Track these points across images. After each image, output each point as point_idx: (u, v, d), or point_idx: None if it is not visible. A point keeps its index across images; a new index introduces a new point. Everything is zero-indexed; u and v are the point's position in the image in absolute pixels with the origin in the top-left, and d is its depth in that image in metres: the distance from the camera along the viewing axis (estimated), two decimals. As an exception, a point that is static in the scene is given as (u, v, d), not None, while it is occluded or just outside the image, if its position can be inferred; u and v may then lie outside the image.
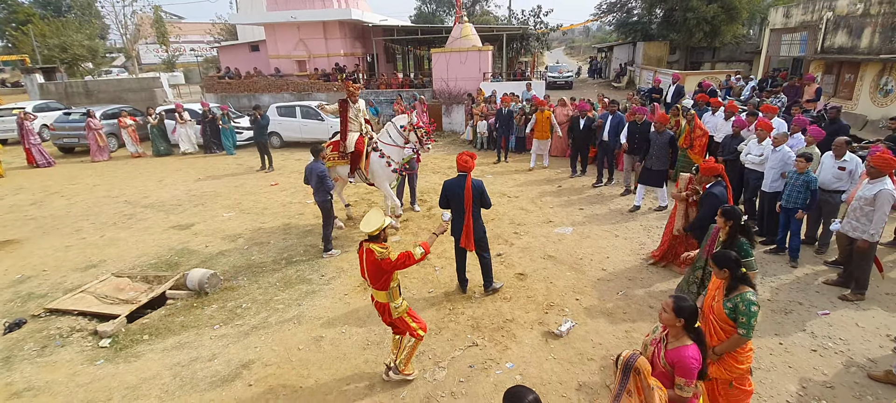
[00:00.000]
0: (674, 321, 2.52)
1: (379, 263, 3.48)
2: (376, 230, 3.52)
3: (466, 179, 4.77)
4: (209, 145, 13.34)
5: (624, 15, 28.01)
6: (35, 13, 33.31)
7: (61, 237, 7.46)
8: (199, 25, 41.32)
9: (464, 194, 4.77)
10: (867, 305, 4.81)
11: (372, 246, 3.53)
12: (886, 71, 11.26)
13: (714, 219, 4.22)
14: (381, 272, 3.53)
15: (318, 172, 6.08)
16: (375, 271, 3.55)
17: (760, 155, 6.34)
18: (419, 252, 3.56)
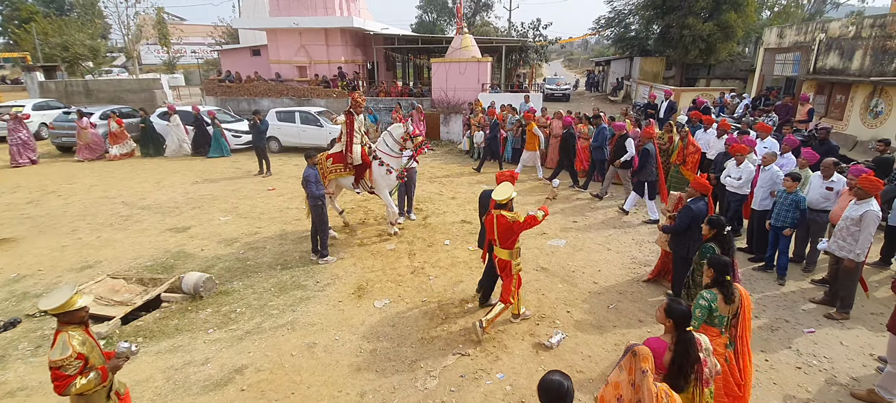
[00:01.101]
0: (664, 319, 2.74)
1: (510, 225, 4.31)
2: (505, 199, 4.34)
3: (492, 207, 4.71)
4: (199, 148, 13.35)
5: (622, 30, 28.37)
6: (38, 11, 33.37)
7: (57, 237, 7.48)
8: (200, 28, 41.48)
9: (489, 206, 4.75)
10: (852, 324, 4.90)
11: (503, 212, 4.32)
12: (877, 93, 11.48)
13: (686, 230, 4.69)
14: (511, 233, 4.37)
15: (305, 174, 6.16)
16: (506, 232, 4.37)
17: (739, 178, 6.47)
18: (541, 214, 4.32)
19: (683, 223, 4.89)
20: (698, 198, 5.00)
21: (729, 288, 3.18)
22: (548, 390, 2.11)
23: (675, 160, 8.17)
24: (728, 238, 4.00)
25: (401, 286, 5.78)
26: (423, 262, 6.41)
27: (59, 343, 2.59)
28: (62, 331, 2.64)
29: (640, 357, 2.40)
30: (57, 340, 2.61)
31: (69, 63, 26.37)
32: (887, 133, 10.69)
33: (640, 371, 2.38)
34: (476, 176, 11.05)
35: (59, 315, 2.63)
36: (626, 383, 2.44)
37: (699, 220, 4.65)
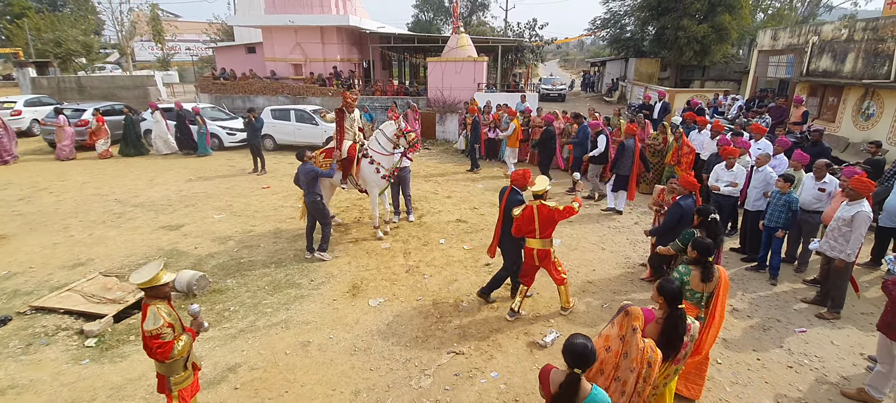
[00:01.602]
0: (657, 297, 2.98)
1: (552, 213, 4.57)
2: (542, 190, 4.64)
3: (506, 190, 4.97)
4: (184, 145, 13.19)
5: (617, 31, 28.49)
6: (30, 7, 33.04)
7: (49, 234, 7.40)
8: (195, 25, 41.20)
9: (500, 202, 5.01)
10: (842, 324, 4.96)
11: (544, 202, 4.63)
12: (868, 95, 11.59)
13: (676, 227, 4.81)
14: (552, 222, 4.64)
15: (307, 170, 6.16)
16: (547, 221, 4.63)
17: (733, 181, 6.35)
18: (577, 205, 4.69)
19: (672, 220, 5.01)
20: (687, 195, 5.08)
21: (708, 268, 3.44)
22: (574, 352, 2.29)
23: (669, 160, 8.22)
24: (715, 225, 4.25)
25: (395, 285, 5.77)
26: (418, 261, 6.41)
27: (150, 315, 2.89)
28: (150, 305, 2.93)
29: (632, 317, 2.70)
30: (147, 313, 2.91)
31: (62, 59, 26.13)
32: (878, 135, 10.80)
33: (631, 329, 2.68)
34: (470, 175, 11.06)
35: (147, 289, 2.92)
36: (616, 336, 2.74)
37: (687, 218, 4.82)
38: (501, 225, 4.99)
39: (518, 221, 4.74)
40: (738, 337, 4.71)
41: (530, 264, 4.92)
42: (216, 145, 13.66)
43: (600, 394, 2.33)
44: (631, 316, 2.70)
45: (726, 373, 4.17)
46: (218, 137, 13.65)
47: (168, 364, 3.02)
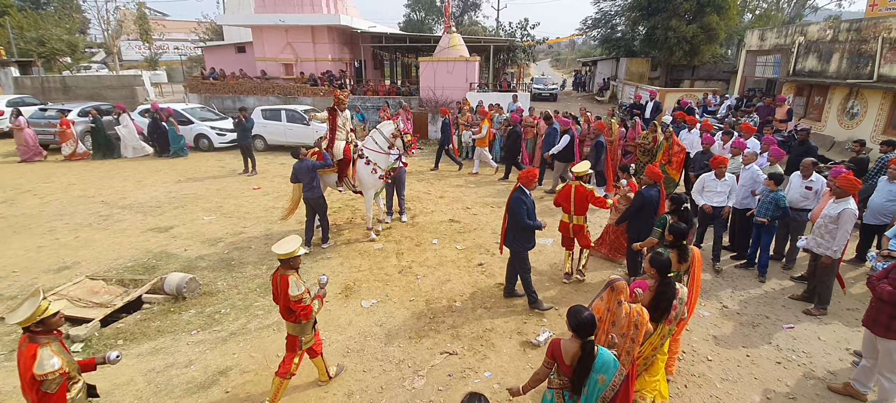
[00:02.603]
0: (649, 269, 3.41)
1: (587, 194, 5.31)
2: (583, 172, 5.42)
3: (512, 190, 5.00)
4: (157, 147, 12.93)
5: (608, 31, 28.67)
6: (12, 5, 32.31)
7: (33, 237, 7.26)
8: (183, 24, 40.70)
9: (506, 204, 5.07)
10: (829, 320, 5.04)
11: (582, 184, 5.33)
12: (853, 95, 11.81)
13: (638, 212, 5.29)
14: (586, 202, 5.34)
15: (310, 165, 6.22)
16: (582, 201, 5.36)
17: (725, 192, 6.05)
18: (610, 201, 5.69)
19: (635, 206, 5.34)
20: (651, 185, 5.32)
21: (684, 250, 3.92)
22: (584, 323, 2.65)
23: (660, 160, 8.28)
24: (686, 213, 4.61)
25: (388, 285, 5.75)
26: (411, 261, 6.39)
27: (292, 282, 3.42)
28: (290, 275, 3.43)
29: (617, 291, 3.10)
30: (289, 282, 3.40)
31: (46, 58, 25.63)
32: (862, 134, 11.01)
33: (617, 302, 3.10)
34: (464, 175, 11.06)
35: (285, 260, 3.43)
36: (604, 309, 3.14)
37: (649, 205, 5.20)
38: (506, 222, 5.08)
39: (557, 196, 5.61)
40: (727, 334, 4.77)
41: (566, 236, 5.72)
42: (206, 146, 13.52)
43: (605, 353, 2.75)
44: (617, 291, 3.10)
45: (717, 370, 4.22)
46: (207, 138, 13.51)
47: (303, 325, 3.56)
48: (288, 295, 3.41)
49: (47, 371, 2.48)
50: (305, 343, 3.68)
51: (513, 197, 4.91)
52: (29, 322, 2.53)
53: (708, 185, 6.18)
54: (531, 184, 4.94)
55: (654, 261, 3.35)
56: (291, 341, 3.64)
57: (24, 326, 2.56)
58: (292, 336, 3.63)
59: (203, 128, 13.54)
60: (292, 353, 3.64)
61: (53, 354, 2.54)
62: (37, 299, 2.57)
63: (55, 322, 2.63)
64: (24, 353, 2.54)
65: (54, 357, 2.53)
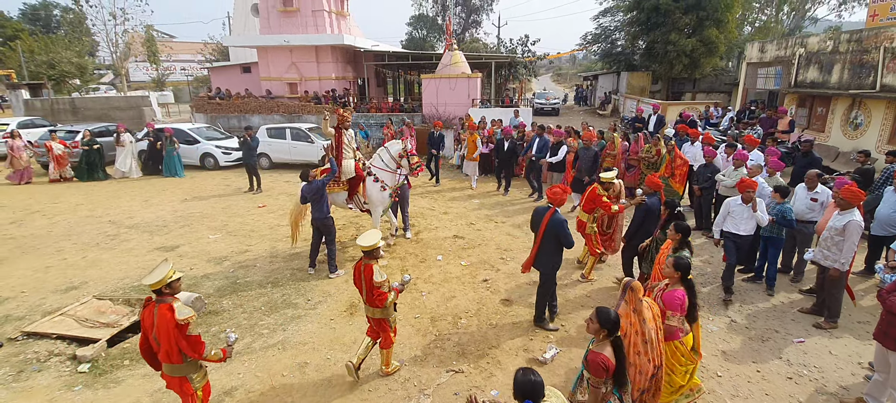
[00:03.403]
0: (673, 273, 3.56)
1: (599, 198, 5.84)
2: (609, 179, 6.00)
3: (548, 212, 4.79)
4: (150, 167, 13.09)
5: (608, 45, 28.95)
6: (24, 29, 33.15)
7: (41, 257, 7.32)
8: (190, 45, 41.48)
9: (540, 225, 4.80)
10: (840, 333, 4.97)
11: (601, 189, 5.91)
12: (856, 105, 11.81)
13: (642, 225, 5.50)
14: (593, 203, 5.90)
15: (314, 188, 6.18)
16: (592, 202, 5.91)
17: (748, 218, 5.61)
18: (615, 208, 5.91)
19: (639, 217, 5.56)
20: (652, 194, 5.59)
21: (690, 246, 4.24)
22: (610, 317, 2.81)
23: (663, 173, 8.29)
24: (681, 215, 4.94)
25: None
26: (416, 278, 6.38)
27: (377, 271, 3.90)
28: (373, 264, 3.92)
29: (636, 290, 3.30)
30: (373, 270, 3.89)
31: (56, 81, 26.15)
32: (867, 144, 10.98)
33: (638, 300, 3.32)
34: (467, 190, 11.09)
35: (367, 252, 3.92)
36: (631, 311, 3.31)
37: (652, 213, 5.43)
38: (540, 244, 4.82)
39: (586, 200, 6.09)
40: (737, 349, 4.71)
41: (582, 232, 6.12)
42: (212, 164, 13.67)
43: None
44: (636, 290, 3.30)
45: (727, 387, 4.16)
46: (213, 157, 13.66)
47: (384, 309, 4.05)
48: (372, 282, 3.90)
49: (188, 317, 3.09)
50: (393, 322, 4.23)
51: (554, 219, 4.73)
52: (160, 284, 3.08)
53: (734, 211, 5.57)
54: (562, 202, 4.87)
55: (678, 264, 3.53)
56: (380, 324, 4.16)
57: (155, 289, 3.10)
58: (379, 320, 4.13)
59: (209, 148, 13.70)
60: (387, 332, 4.20)
61: (184, 306, 3.17)
62: (166, 266, 3.15)
63: (177, 286, 3.21)
64: (162, 312, 3.08)
65: (187, 308, 3.15)
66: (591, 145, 8.90)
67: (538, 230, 4.82)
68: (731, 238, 5.61)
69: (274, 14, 18.34)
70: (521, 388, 2.38)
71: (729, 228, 5.61)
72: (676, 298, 3.47)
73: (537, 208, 5.03)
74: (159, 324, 3.09)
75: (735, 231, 5.55)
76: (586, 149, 8.85)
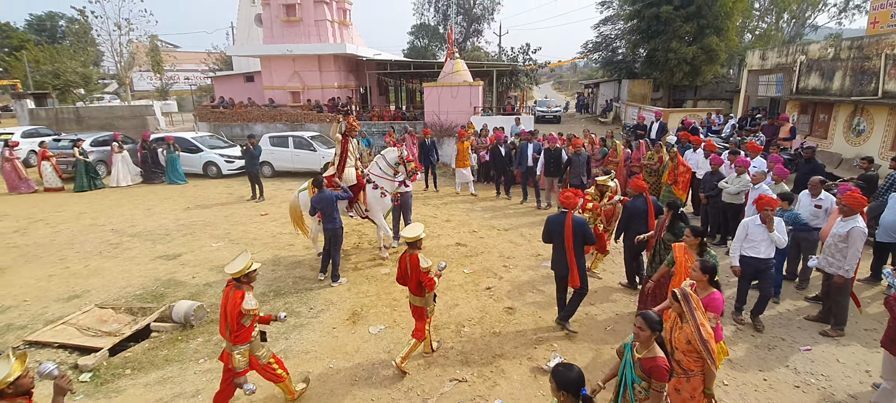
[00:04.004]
0: (701, 277, 3.57)
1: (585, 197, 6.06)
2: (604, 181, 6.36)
3: (567, 216, 4.74)
4: (149, 175, 13.21)
5: (609, 54, 29.10)
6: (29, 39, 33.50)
7: (44, 266, 7.33)
8: (194, 55, 41.80)
9: (564, 231, 4.73)
10: (847, 341, 4.92)
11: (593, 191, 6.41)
12: (858, 112, 11.81)
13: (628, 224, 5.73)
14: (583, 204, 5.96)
15: (331, 197, 6.17)
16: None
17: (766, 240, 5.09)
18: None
19: (625, 217, 5.79)
20: (637, 196, 5.75)
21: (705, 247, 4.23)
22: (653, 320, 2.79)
23: (666, 180, 8.28)
24: (683, 215, 5.09)
25: (396, 311, 5.71)
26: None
27: (421, 258, 4.24)
28: (418, 253, 4.27)
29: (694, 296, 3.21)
30: (419, 258, 4.24)
31: (60, 90, 26.36)
32: (870, 150, 10.96)
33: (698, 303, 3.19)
34: (470, 199, 11.09)
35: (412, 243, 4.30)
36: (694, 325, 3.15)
37: (637, 215, 5.60)
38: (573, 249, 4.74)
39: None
40: (743, 358, 4.66)
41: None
42: (215, 173, 13.72)
43: None
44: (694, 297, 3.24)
45: (733, 395, 4.11)
46: (216, 165, 13.71)
47: (427, 297, 4.35)
48: (419, 269, 4.21)
49: (250, 308, 3.46)
50: (431, 311, 4.50)
51: (576, 220, 4.71)
52: (240, 274, 3.52)
53: (752, 234, 4.98)
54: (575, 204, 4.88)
55: (705, 266, 3.58)
56: (420, 312, 4.43)
57: (235, 277, 3.54)
58: (420, 309, 4.41)
59: (212, 156, 13.76)
60: (422, 321, 4.44)
61: (253, 298, 3.54)
62: (246, 257, 3.59)
63: (254, 275, 3.64)
64: (233, 297, 3.50)
65: (254, 300, 3.54)
66: (580, 152, 9.06)
67: (563, 238, 4.72)
68: (751, 262, 4.98)
69: (277, 24, 18.50)
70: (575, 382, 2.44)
71: (748, 252, 4.99)
72: (717, 301, 3.53)
73: (551, 218, 4.93)
74: (230, 305, 3.51)
75: (754, 254, 4.95)
76: (577, 155, 9.00)
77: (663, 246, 5.10)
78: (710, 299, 3.53)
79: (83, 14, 26.21)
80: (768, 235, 4.87)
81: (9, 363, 2.52)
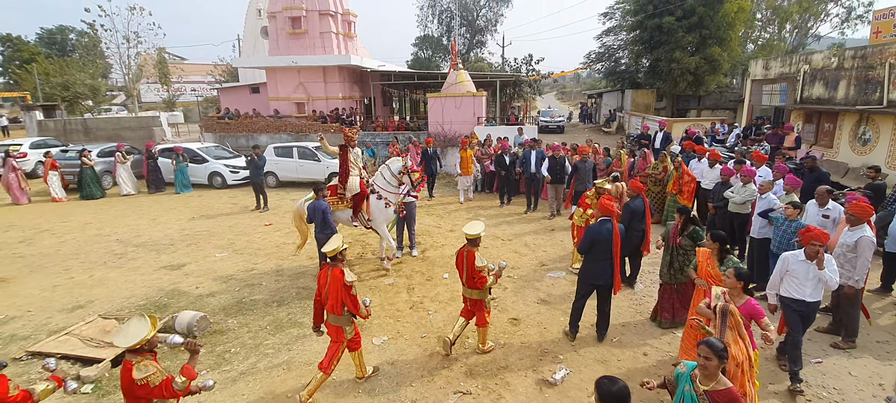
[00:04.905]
0: (735, 284, 3.56)
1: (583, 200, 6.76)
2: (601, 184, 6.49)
3: (614, 224, 4.76)
4: (155, 184, 13.44)
5: (612, 64, 29.17)
6: (40, 52, 34.05)
7: (49, 276, 7.35)
8: (200, 66, 42.32)
9: (612, 239, 4.72)
10: (859, 353, 4.83)
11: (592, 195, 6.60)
12: (863, 121, 11.74)
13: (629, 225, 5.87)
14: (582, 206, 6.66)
15: (322, 208, 6.21)
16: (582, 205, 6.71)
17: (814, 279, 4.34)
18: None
19: (625, 216, 5.96)
20: (635, 197, 6.11)
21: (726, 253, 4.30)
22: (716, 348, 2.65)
23: (671, 189, 8.24)
24: (696, 220, 5.15)
25: (399, 321, 5.67)
26: (422, 297, 6.32)
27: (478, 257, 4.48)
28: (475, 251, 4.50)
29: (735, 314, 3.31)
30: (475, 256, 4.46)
31: (69, 102, 26.70)
32: (876, 159, 10.87)
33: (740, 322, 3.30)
34: (474, 209, 11.07)
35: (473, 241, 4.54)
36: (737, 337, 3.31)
37: (636, 214, 5.84)
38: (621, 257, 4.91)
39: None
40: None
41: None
42: (220, 183, 13.79)
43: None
44: (734, 314, 3.33)
45: (743, 409, 4.03)
46: (221, 175, 13.79)
47: (481, 291, 4.59)
48: (474, 266, 4.42)
49: (352, 280, 3.93)
50: (488, 302, 4.78)
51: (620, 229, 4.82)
52: (333, 253, 4.03)
53: (794, 270, 4.18)
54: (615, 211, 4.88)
55: (740, 274, 3.58)
56: (479, 304, 4.69)
57: (330, 256, 4.04)
58: (479, 301, 4.67)
59: (217, 166, 13.84)
60: (483, 312, 4.73)
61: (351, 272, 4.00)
62: (339, 238, 4.18)
63: (345, 254, 4.18)
64: (334, 274, 3.98)
65: (353, 274, 3.97)
66: (586, 159, 9.30)
67: (611, 246, 4.72)
68: (794, 306, 4.20)
69: (283, 36, 18.71)
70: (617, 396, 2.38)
71: (790, 293, 4.21)
72: (756, 307, 3.51)
73: (593, 228, 4.83)
74: (331, 283, 3.94)
75: (798, 295, 4.15)
76: (584, 162, 9.23)
77: (679, 252, 5.09)
78: (749, 307, 3.53)
79: (93, 27, 26.63)
80: (817, 273, 4.06)
81: (146, 323, 2.92)
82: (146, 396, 2.81)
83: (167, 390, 2.83)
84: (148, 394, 2.80)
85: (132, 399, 2.85)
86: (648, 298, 6.14)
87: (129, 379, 2.78)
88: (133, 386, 2.77)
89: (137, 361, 2.82)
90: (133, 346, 2.80)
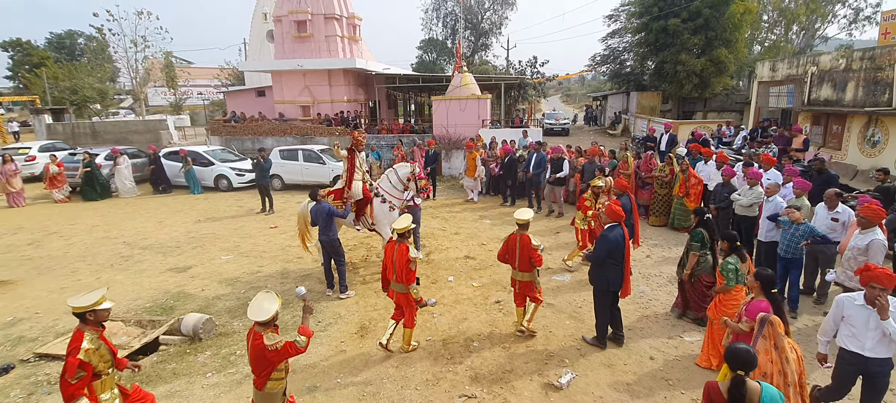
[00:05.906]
0: (754, 284, 3.59)
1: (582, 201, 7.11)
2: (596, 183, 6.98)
3: (623, 228, 4.77)
4: (157, 184, 13.74)
5: (617, 66, 29.06)
6: (49, 56, 34.44)
7: (56, 278, 7.41)
8: (207, 70, 42.63)
9: (625, 243, 4.73)
10: None
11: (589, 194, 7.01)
12: (872, 123, 11.62)
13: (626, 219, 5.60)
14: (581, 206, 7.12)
15: (327, 210, 6.21)
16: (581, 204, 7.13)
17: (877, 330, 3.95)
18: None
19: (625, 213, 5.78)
20: (621, 194, 6.32)
21: (741, 251, 4.37)
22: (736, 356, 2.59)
23: (677, 192, 8.19)
24: (710, 221, 5.16)
25: (404, 324, 5.65)
26: (427, 299, 6.30)
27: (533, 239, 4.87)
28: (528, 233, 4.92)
29: (776, 325, 3.31)
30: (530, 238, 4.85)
31: (77, 106, 26.97)
32: (886, 162, 10.75)
33: (779, 334, 3.29)
34: (478, 211, 11.05)
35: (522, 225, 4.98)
36: (771, 347, 3.31)
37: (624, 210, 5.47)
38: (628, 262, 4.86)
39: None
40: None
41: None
42: (226, 186, 13.88)
43: (771, 390, 2.58)
44: (776, 325, 3.29)
45: (752, 414, 3.97)
46: (227, 178, 13.87)
47: (534, 273, 4.95)
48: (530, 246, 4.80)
49: (415, 256, 4.65)
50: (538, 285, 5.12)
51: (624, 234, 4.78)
52: (403, 230, 4.69)
53: (851, 317, 3.41)
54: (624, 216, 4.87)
55: (760, 276, 3.55)
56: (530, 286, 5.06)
57: (400, 233, 4.70)
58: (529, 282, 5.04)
59: (223, 169, 13.93)
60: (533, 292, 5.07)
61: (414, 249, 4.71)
62: (408, 217, 4.89)
63: (410, 233, 4.83)
64: (400, 249, 4.64)
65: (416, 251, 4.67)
66: (594, 160, 9.43)
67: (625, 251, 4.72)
68: (848, 359, 3.44)
69: (288, 40, 18.83)
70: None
71: (845, 343, 3.45)
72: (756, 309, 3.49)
73: (609, 236, 4.73)
74: (398, 257, 4.61)
75: (854, 348, 3.37)
76: (590, 164, 9.37)
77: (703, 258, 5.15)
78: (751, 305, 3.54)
79: (101, 32, 26.92)
80: (881, 325, 3.22)
81: (275, 299, 3.35)
82: (275, 359, 3.18)
83: (293, 349, 3.19)
84: (277, 357, 3.18)
85: (263, 363, 3.21)
86: (654, 301, 6.10)
87: (260, 347, 3.15)
88: (265, 352, 3.14)
89: (266, 332, 3.21)
90: (268, 319, 3.22)
